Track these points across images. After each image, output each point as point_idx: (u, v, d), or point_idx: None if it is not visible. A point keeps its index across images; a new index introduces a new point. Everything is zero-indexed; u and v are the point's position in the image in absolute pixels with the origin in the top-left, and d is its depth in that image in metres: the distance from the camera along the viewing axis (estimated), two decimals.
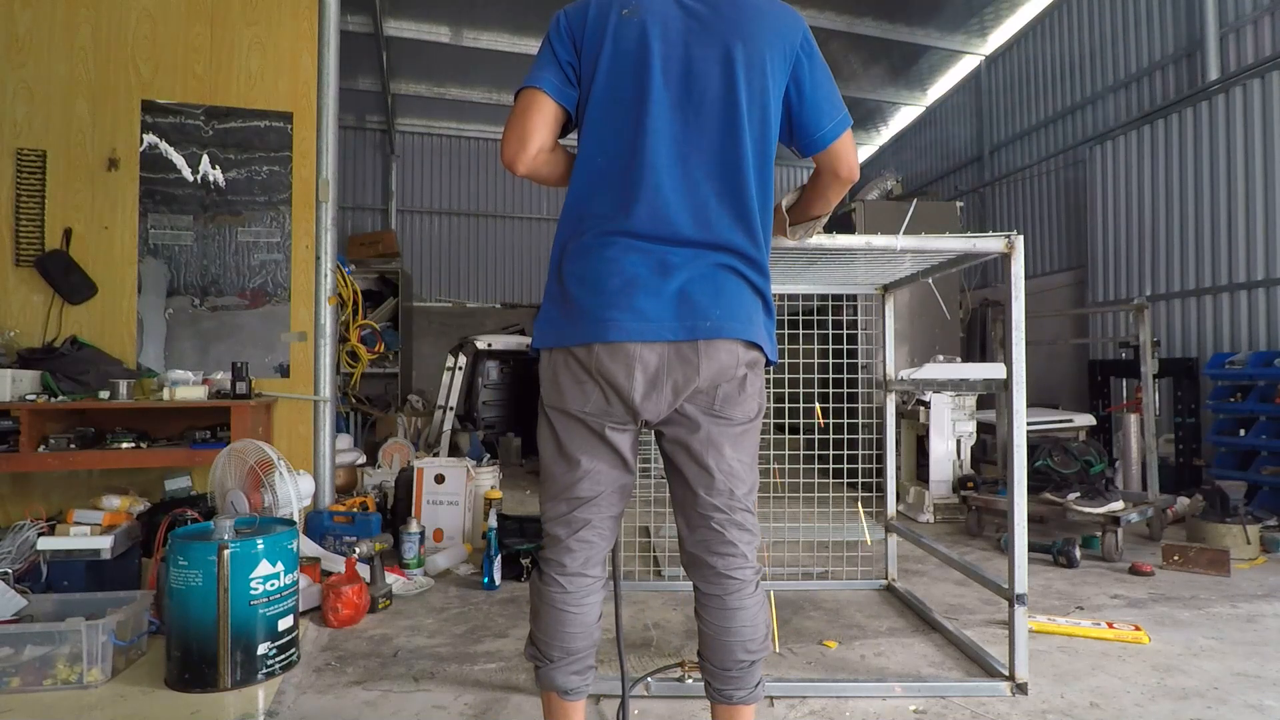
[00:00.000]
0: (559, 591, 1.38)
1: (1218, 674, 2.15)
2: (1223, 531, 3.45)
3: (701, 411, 1.31)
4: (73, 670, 2.00)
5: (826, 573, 3.13)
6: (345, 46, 4.10)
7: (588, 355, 1.27)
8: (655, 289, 1.26)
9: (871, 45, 8.12)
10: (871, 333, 4.38)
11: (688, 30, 1.32)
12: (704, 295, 1.27)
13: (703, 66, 1.31)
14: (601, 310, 1.26)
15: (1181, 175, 5.59)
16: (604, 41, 1.32)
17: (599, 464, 1.35)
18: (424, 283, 10.41)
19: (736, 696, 1.36)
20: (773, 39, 1.33)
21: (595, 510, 1.37)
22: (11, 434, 3.03)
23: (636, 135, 1.30)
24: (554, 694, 1.41)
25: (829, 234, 1.88)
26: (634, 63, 1.31)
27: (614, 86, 1.32)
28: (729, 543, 1.35)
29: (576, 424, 1.34)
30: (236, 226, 3.66)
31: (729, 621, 1.34)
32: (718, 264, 1.30)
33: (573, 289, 1.30)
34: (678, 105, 1.31)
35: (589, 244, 1.31)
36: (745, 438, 1.35)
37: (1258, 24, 5.27)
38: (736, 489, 1.34)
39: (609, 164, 1.32)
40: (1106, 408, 5.79)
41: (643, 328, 1.25)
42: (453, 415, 5.95)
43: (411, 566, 3.12)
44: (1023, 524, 2.02)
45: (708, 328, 1.26)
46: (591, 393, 1.30)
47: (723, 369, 1.28)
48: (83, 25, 3.50)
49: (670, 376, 1.27)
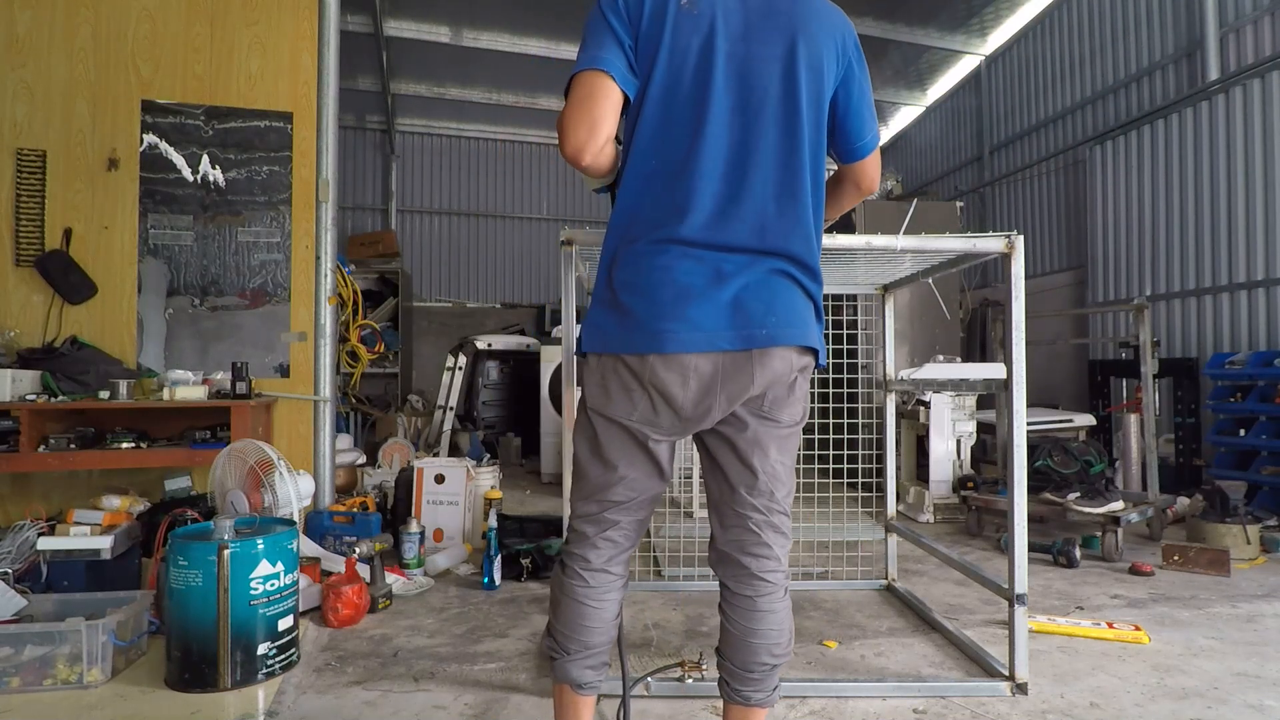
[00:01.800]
0: (581, 585, 1.38)
1: (1218, 674, 2.15)
2: (1223, 531, 3.45)
3: (750, 413, 1.30)
4: (73, 670, 2.00)
5: (826, 573, 3.13)
6: (345, 46, 4.10)
7: (641, 365, 1.25)
8: (710, 298, 1.23)
9: (871, 45, 8.11)
10: (871, 333, 4.38)
11: (747, 26, 1.28)
12: (758, 303, 1.25)
13: (763, 66, 1.27)
14: (656, 321, 1.23)
15: (1181, 175, 5.59)
16: (664, 33, 1.26)
17: (635, 472, 1.33)
18: (424, 283, 10.41)
19: (755, 699, 1.36)
20: (828, 39, 1.31)
21: (625, 514, 1.37)
22: (11, 434, 3.03)
23: (694, 138, 1.25)
24: (567, 687, 1.41)
25: (829, 234, 1.88)
26: (695, 61, 1.26)
27: (672, 85, 1.26)
28: (765, 544, 1.34)
29: (620, 430, 1.31)
30: (236, 226, 3.66)
31: (757, 624, 1.34)
32: (772, 270, 1.27)
33: (625, 297, 1.26)
34: (737, 108, 1.27)
35: (641, 250, 1.26)
36: (790, 440, 1.35)
37: (1258, 24, 5.26)
38: (777, 490, 1.34)
39: (663, 167, 1.27)
40: (1106, 408, 5.80)
41: (697, 338, 1.22)
42: (453, 415, 5.95)
43: (411, 566, 3.12)
44: (1023, 524, 2.02)
45: (764, 336, 1.24)
46: (640, 401, 1.27)
47: (777, 376, 1.27)
48: (83, 25, 3.50)
49: (725, 387, 1.25)
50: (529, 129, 10.43)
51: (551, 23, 7.62)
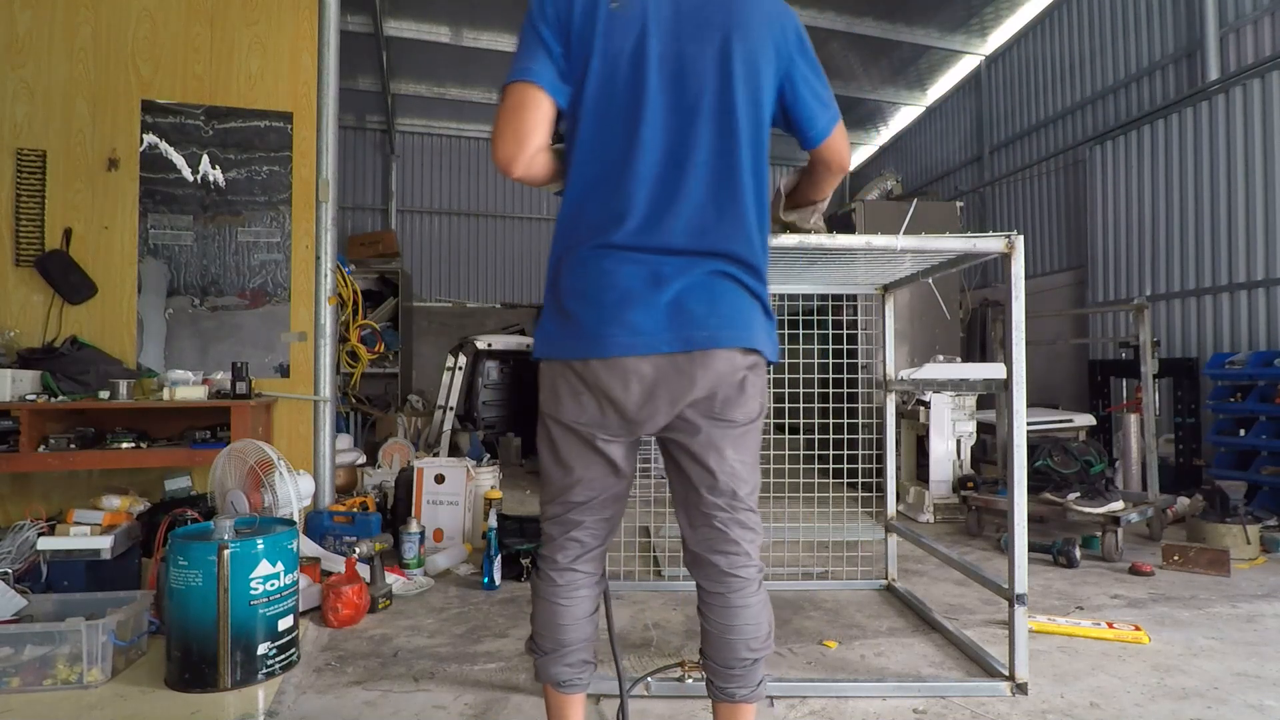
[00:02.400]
0: (550, 585, 1.42)
1: (1218, 674, 2.15)
2: (1223, 531, 3.45)
3: (702, 415, 1.30)
4: (73, 670, 2.00)
5: (826, 573, 3.13)
6: (345, 46, 4.10)
7: (585, 369, 1.27)
8: (648, 301, 1.24)
9: (871, 45, 8.13)
10: (871, 333, 4.38)
11: (679, 24, 1.27)
12: (699, 305, 1.25)
13: (696, 65, 1.27)
14: (597, 325, 1.25)
15: (1181, 175, 5.59)
16: (594, 38, 1.26)
17: (592, 472, 1.36)
18: (424, 283, 10.41)
19: (739, 695, 1.37)
20: (766, 32, 1.30)
21: (588, 513, 1.40)
22: (11, 434, 3.03)
23: (630, 141, 1.26)
24: (550, 686, 1.44)
25: (829, 234, 1.88)
26: (627, 63, 1.26)
27: (606, 90, 1.27)
28: (732, 541, 1.35)
29: (571, 434, 1.34)
30: (236, 226, 3.66)
31: (732, 620, 1.35)
32: (713, 271, 1.27)
33: (569, 303, 1.28)
34: (672, 108, 1.27)
35: (584, 256, 1.27)
36: (746, 438, 1.35)
37: (1258, 24, 5.27)
38: (739, 489, 1.35)
39: (602, 171, 1.28)
40: (1106, 408, 5.79)
41: (637, 342, 1.23)
42: (453, 415, 5.95)
43: (411, 566, 3.12)
44: (1023, 524, 2.02)
45: (704, 338, 1.24)
46: (588, 405, 1.29)
47: (721, 377, 1.27)
48: (83, 25, 3.50)
49: (667, 388, 1.26)
50: None
51: None
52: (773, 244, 1.98)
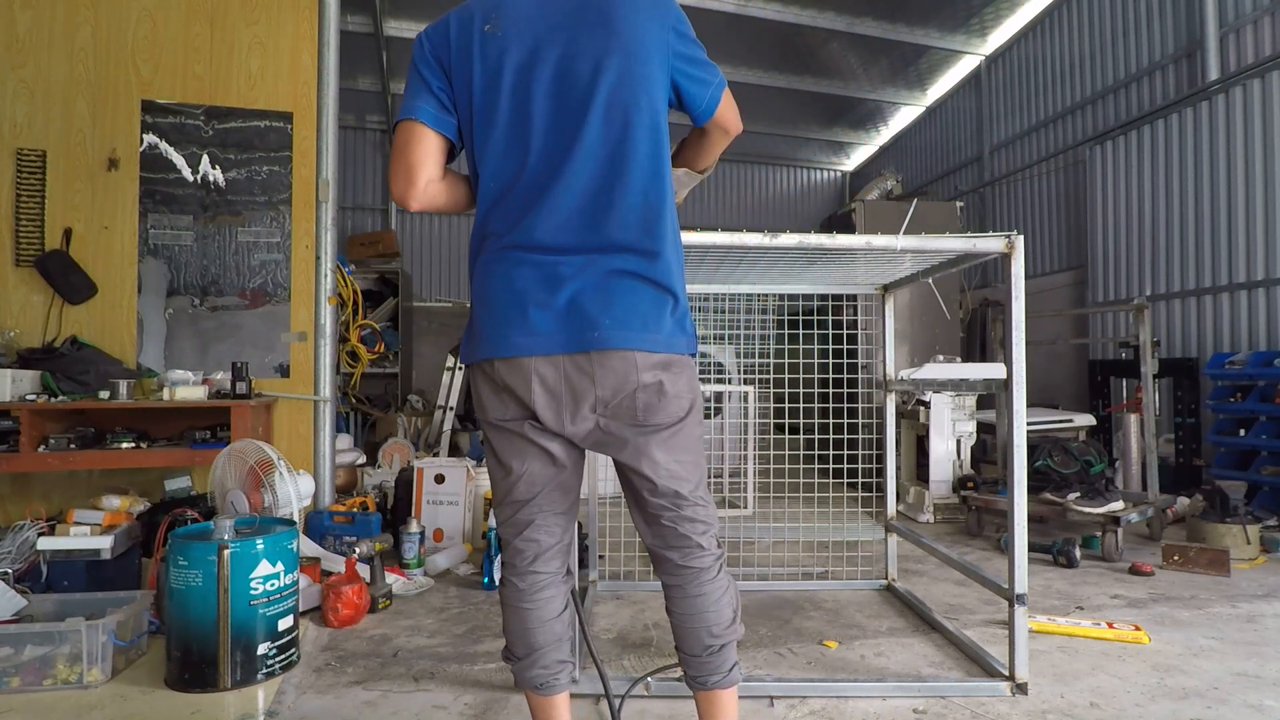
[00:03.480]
0: (514, 591, 1.42)
1: (1218, 674, 2.15)
2: (1223, 531, 3.45)
3: (627, 425, 1.31)
4: (73, 670, 2.00)
5: (826, 573, 3.13)
6: (345, 46, 4.10)
7: (492, 370, 1.31)
8: (545, 302, 1.26)
9: (871, 45, 8.13)
10: (871, 333, 4.38)
11: (554, 31, 1.30)
12: (594, 305, 1.26)
13: (575, 66, 1.28)
14: (497, 326, 1.28)
15: (1181, 175, 5.59)
16: (472, 63, 1.31)
17: (531, 465, 1.37)
18: (424, 283, 10.41)
19: (711, 681, 1.39)
20: (644, 21, 1.31)
21: (535, 510, 1.40)
22: (11, 434, 3.03)
23: (521, 153, 1.30)
24: (529, 690, 1.44)
25: (829, 234, 1.88)
26: (506, 80, 1.30)
27: (490, 108, 1.31)
28: (682, 536, 1.37)
29: (501, 431, 1.36)
30: (236, 226, 3.66)
31: (691, 608, 1.38)
32: (611, 270, 1.27)
33: (476, 307, 1.33)
34: (555, 114, 1.29)
35: (486, 261, 1.32)
36: (676, 439, 1.34)
37: (1258, 24, 5.27)
38: (681, 488, 1.35)
39: (500, 185, 1.32)
40: (1106, 408, 5.79)
41: (533, 342, 1.26)
42: (453, 415, 5.95)
43: (411, 566, 3.12)
44: (1023, 524, 2.02)
45: (597, 338, 1.25)
46: (508, 402, 1.32)
47: (622, 380, 1.27)
48: (83, 25, 3.50)
49: (569, 389, 1.27)
50: None
51: None
52: (772, 244, 1.98)
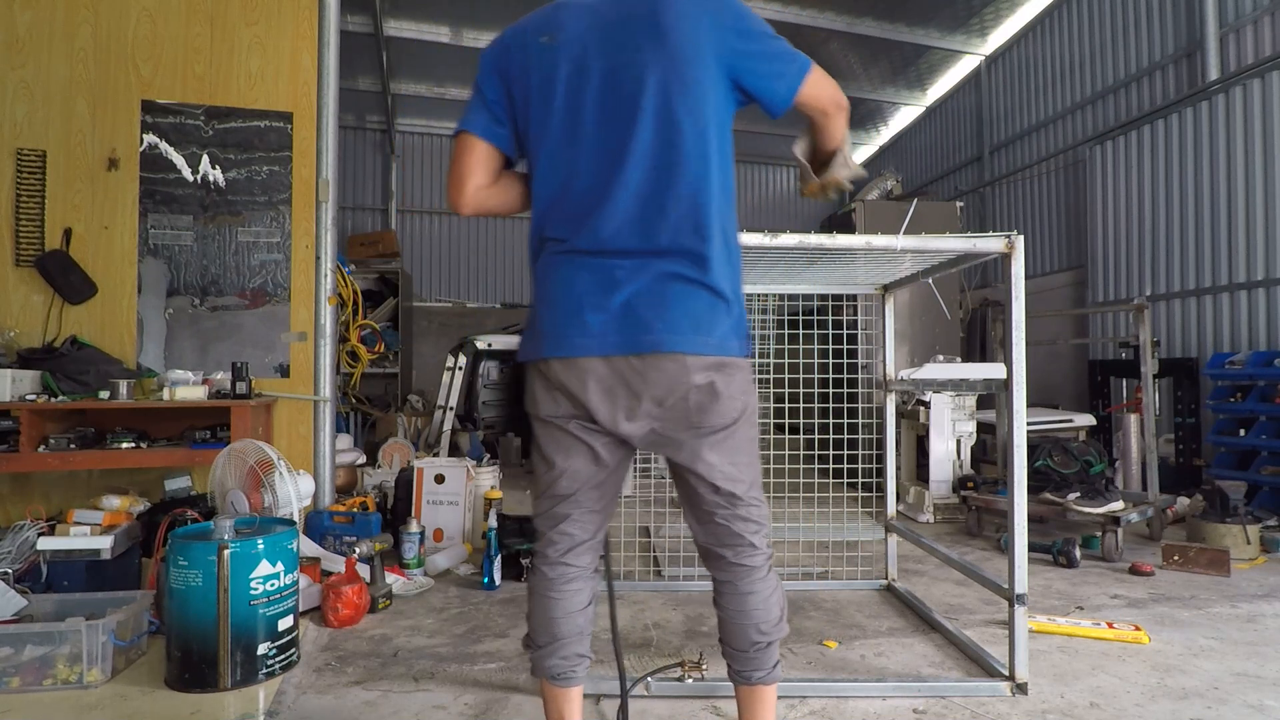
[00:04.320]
0: (543, 580, 1.46)
1: (1218, 674, 2.15)
2: (1223, 531, 3.45)
3: (681, 427, 1.34)
4: (73, 670, 2.00)
5: (826, 573, 3.13)
6: (345, 46, 4.10)
7: (548, 369, 1.35)
8: (601, 305, 1.30)
9: (871, 45, 8.13)
10: (871, 333, 4.38)
11: (605, 43, 1.33)
12: (648, 308, 1.29)
13: (624, 75, 1.31)
14: (556, 328, 1.33)
15: (1181, 175, 5.59)
16: (529, 74, 1.37)
17: (574, 462, 1.40)
18: (424, 283, 10.41)
19: (755, 677, 1.44)
20: (697, 25, 1.31)
21: (573, 505, 1.43)
22: (11, 434, 3.03)
23: (572, 160, 1.34)
24: (546, 680, 1.47)
25: (829, 234, 1.88)
26: (559, 90, 1.35)
27: (545, 118, 1.36)
28: (736, 535, 1.41)
29: (551, 428, 1.40)
30: (236, 226, 3.66)
31: (742, 605, 1.42)
32: (665, 273, 1.30)
33: (537, 307, 1.39)
34: (606, 123, 1.32)
35: (545, 265, 1.38)
36: (731, 440, 1.37)
37: (1258, 24, 5.27)
38: (736, 489, 1.38)
39: (556, 190, 1.37)
40: (1106, 408, 5.79)
41: (589, 343, 1.30)
42: (453, 415, 5.95)
43: (411, 566, 3.12)
44: (1023, 524, 2.02)
45: (649, 341, 1.28)
46: (560, 400, 1.36)
47: (673, 382, 1.29)
48: (83, 25, 3.50)
49: (624, 389, 1.31)
50: None
51: None
52: (772, 244, 1.98)
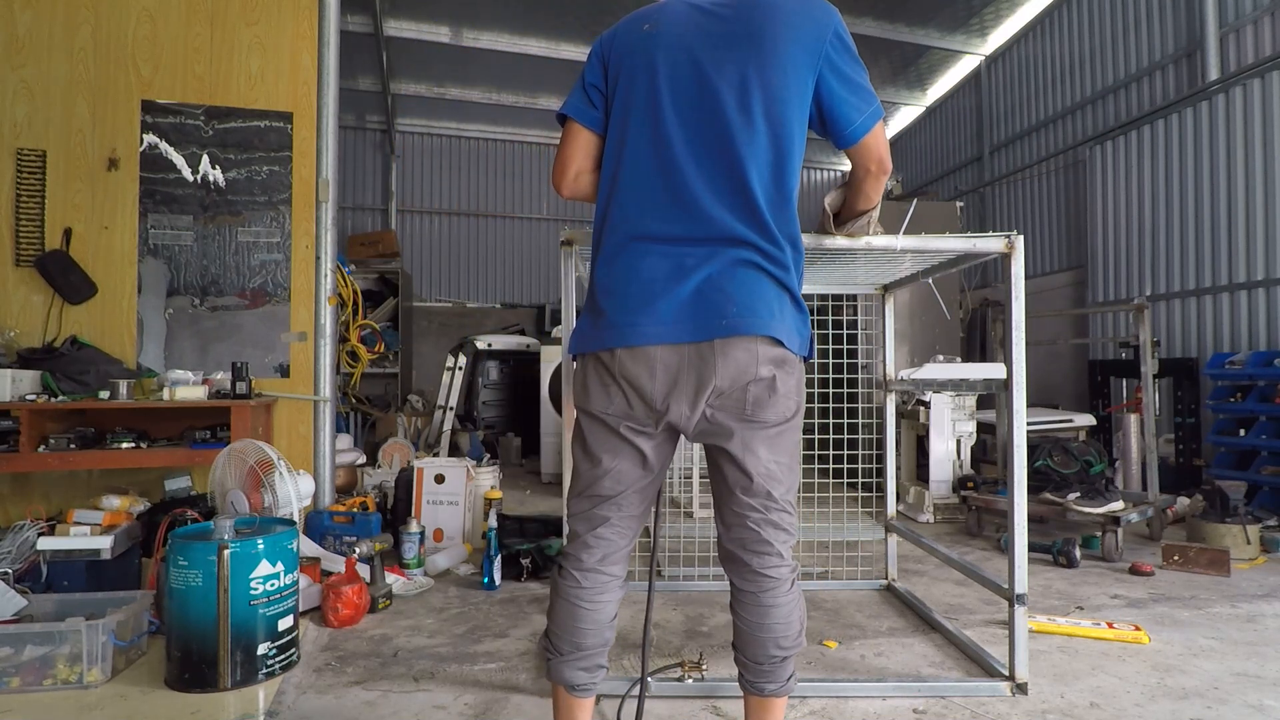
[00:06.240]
0: (573, 586, 1.40)
1: (1218, 674, 2.15)
2: (1223, 531, 3.45)
3: (734, 418, 1.31)
4: (73, 670, 2.00)
5: (826, 573, 3.13)
6: (345, 46, 4.10)
7: (611, 360, 1.32)
8: (672, 292, 1.29)
9: (871, 45, 8.12)
10: (871, 333, 4.38)
11: (704, 34, 1.34)
12: (720, 294, 1.28)
13: (710, 72, 1.32)
14: (623, 315, 1.31)
15: (1181, 175, 5.59)
16: (625, 59, 1.39)
17: (619, 464, 1.37)
18: (424, 283, 10.41)
19: (768, 689, 1.40)
20: (794, 34, 1.31)
21: (615, 508, 1.40)
22: (11, 434, 3.02)
23: (650, 144, 1.34)
24: (561, 688, 1.43)
25: (827, 234, 1.87)
26: (646, 76, 1.36)
27: (628, 101, 1.37)
28: (765, 541, 1.37)
29: (600, 425, 1.37)
30: (236, 226, 3.66)
31: (763, 618, 1.37)
32: (737, 259, 1.30)
33: (599, 298, 1.36)
34: (690, 110, 1.33)
35: (610, 253, 1.36)
36: (781, 439, 1.36)
37: (1258, 24, 5.26)
38: (774, 490, 1.36)
39: (626, 174, 1.36)
40: (1106, 408, 5.79)
41: (660, 331, 1.28)
42: (453, 415, 5.95)
43: (411, 566, 3.12)
44: (1023, 524, 2.02)
45: (724, 326, 1.27)
46: (615, 395, 1.33)
47: (742, 368, 1.28)
48: (83, 25, 3.50)
49: (690, 376, 1.28)
50: (529, 129, 10.43)
51: (551, 22, 7.61)
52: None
